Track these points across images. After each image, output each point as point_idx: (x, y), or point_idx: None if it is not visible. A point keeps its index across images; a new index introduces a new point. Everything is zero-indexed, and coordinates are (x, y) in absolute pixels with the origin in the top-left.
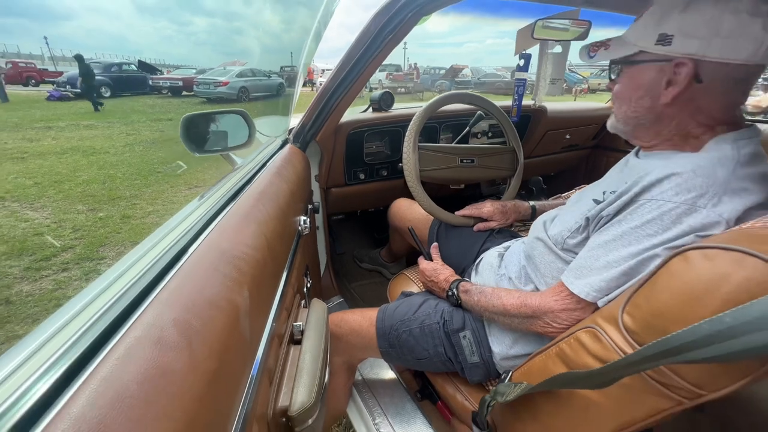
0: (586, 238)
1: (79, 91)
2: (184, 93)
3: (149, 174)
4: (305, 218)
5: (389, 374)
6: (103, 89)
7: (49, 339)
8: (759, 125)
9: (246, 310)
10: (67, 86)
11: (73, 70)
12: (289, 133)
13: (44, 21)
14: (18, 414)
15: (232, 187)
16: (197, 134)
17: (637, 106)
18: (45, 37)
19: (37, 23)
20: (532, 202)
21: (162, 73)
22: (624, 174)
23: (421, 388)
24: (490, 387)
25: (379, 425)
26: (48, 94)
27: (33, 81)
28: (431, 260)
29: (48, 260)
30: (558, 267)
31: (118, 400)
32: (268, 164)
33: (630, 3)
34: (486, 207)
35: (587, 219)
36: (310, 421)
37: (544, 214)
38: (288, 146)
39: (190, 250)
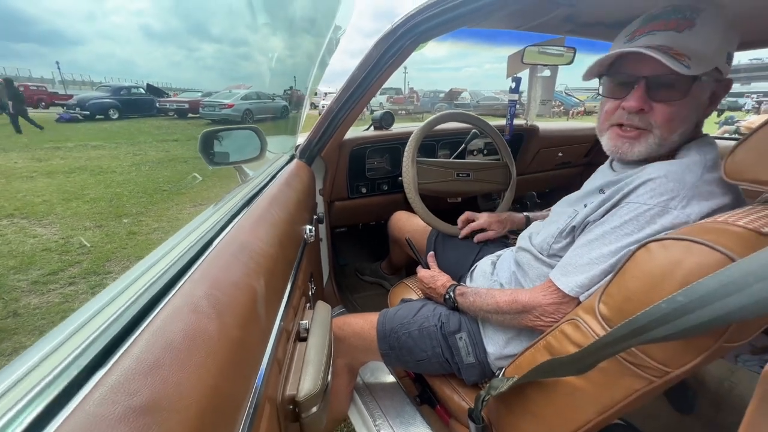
0: (571, 242)
1: (87, 113)
2: (190, 115)
3: (155, 192)
4: (311, 227)
5: (389, 379)
6: (111, 111)
7: (111, 301)
8: (718, 142)
9: (262, 295)
10: (77, 108)
11: (83, 93)
12: (296, 150)
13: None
14: (94, 352)
15: (247, 194)
16: (213, 148)
17: (688, 126)
18: (57, 62)
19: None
20: (525, 213)
21: (169, 96)
22: (601, 183)
23: (421, 393)
24: (484, 388)
25: (379, 427)
26: (57, 116)
27: (43, 103)
28: (429, 269)
29: (55, 274)
30: (544, 272)
31: (167, 347)
32: (277, 176)
33: (610, 32)
34: (483, 216)
35: (573, 227)
36: (315, 409)
37: (528, 227)
38: (295, 161)
39: (215, 242)
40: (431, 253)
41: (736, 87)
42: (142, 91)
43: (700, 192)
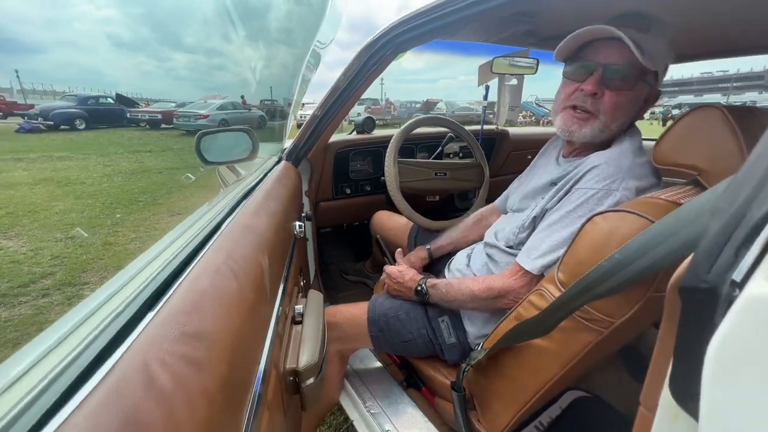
0: (533, 230)
1: (51, 123)
2: (164, 126)
3: (130, 203)
4: (300, 223)
5: (377, 365)
6: (77, 122)
7: (158, 254)
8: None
9: (266, 270)
10: (39, 118)
11: (45, 102)
12: (283, 152)
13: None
14: (151, 290)
15: (243, 189)
16: (207, 148)
17: (626, 118)
18: (16, 71)
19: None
20: (427, 246)
21: (141, 106)
22: (551, 178)
23: (407, 378)
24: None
25: (370, 408)
26: (18, 126)
27: (0, 113)
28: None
29: (26, 287)
30: (512, 261)
31: (203, 294)
32: (269, 175)
33: None
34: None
35: (534, 217)
36: (313, 379)
37: (493, 225)
38: (283, 162)
39: (224, 224)
40: (399, 249)
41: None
42: (111, 100)
43: (635, 173)
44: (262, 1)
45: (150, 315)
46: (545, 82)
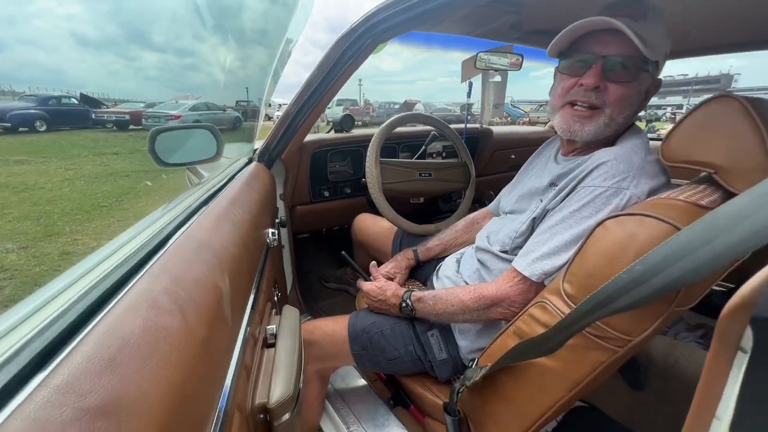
0: (532, 233)
1: (8, 125)
2: (132, 127)
3: (92, 209)
4: (273, 231)
5: (361, 383)
6: (37, 123)
7: (60, 292)
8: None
9: (228, 295)
10: None
11: (2, 103)
12: (254, 153)
13: None
14: (35, 351)
15: (204, 194)
16: (164, 148)
17: (631, 111)
18: None
19: None
20: (414, 248)
21: (107, 107)
22: (550, 178)
23: (393, 395)
24: (457, 382)
25: None
26: None
27: None
28: (370, 280)
29: None
30: (507, 267)
31: (124, 343)
32: (236, 177)
33: None
34: (384, 268)
35: (533, 219)
36: (287, 416)
37: (484, 227)
38: (254, 164)
39: (172, 239)
40: (373, 263)
41: (653, 100)
42: (75, 101)
43: (646, 171)
44: None
45: (35, 381)
46: (520, 82)
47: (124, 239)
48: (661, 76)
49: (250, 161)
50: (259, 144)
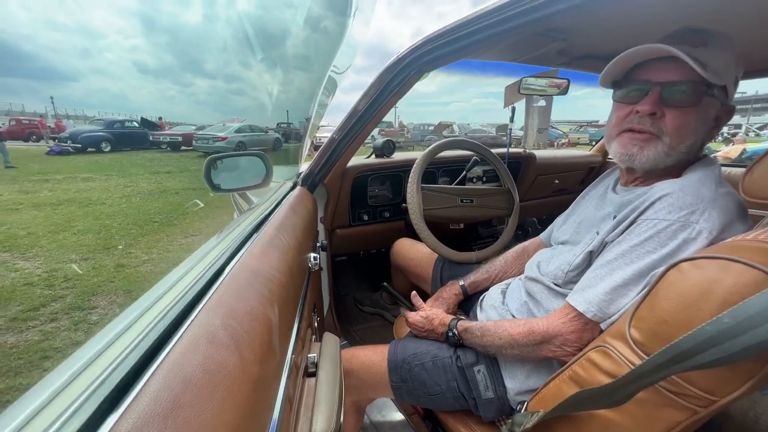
0: (588, 267)
1: (79, 146)
2: (183, 148)
3: (145, 223)
4: (315, 255)
5: (398, 417)
6: (103, 144)
7: (126, 329)
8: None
9: (276, 326)
10: (69, 141)
11: (76, 126)
12: (299, 177)
13: (50, 82)
14: (105, 393)
15: (254, 220)
16: (217, 174)
17: (694, 139)
18: (51, 97)
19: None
20: (461, 282)
21: (163, 129)
22: (609, 210)
23: (431, 431)
24: (503, 425)
25: None
26: (48, 148)
27: (34, 137)
28: (414, 310)
29: (36, 310)
30: (559, 302)
31: (187, 384)
32: (282, 202)
33: (602, 65)
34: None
35: (590, 252)
36: None
37: (535, 256)
38: (298, 188)
39: (227, 269)
40: (414, 293)
41: None
42: (136, 124)
43: (718, 205)
44: (281, 28)
45: (109, 422)
46: (558, 103)
47: (183, 270)
48: None
49: (294, 186)
50: (304, 167)
